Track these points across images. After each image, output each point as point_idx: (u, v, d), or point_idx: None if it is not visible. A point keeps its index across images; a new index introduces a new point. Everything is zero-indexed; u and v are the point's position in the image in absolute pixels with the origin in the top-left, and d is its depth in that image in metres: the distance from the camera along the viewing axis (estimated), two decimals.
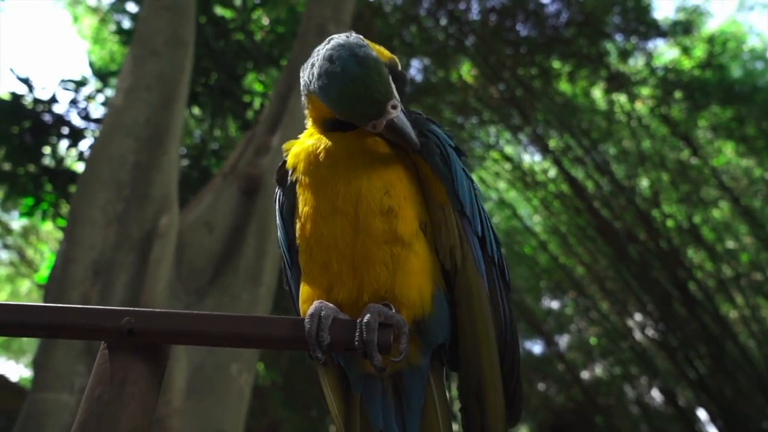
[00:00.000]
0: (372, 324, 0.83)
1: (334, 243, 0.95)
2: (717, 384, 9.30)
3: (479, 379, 0.94)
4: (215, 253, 3.99)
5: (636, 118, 9.32)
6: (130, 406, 0.78)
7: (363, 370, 0.98)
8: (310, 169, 1.00)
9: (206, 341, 0.84)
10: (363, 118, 0.93)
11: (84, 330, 0.82)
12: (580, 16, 9.10)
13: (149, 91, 4.22)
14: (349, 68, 0.91)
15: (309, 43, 5.47)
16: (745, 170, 9.54)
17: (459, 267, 0.97)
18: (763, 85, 9.03)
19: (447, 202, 0.99)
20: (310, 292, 0.96)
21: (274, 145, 4.70)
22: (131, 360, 0.82)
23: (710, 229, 9.67)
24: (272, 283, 4.05)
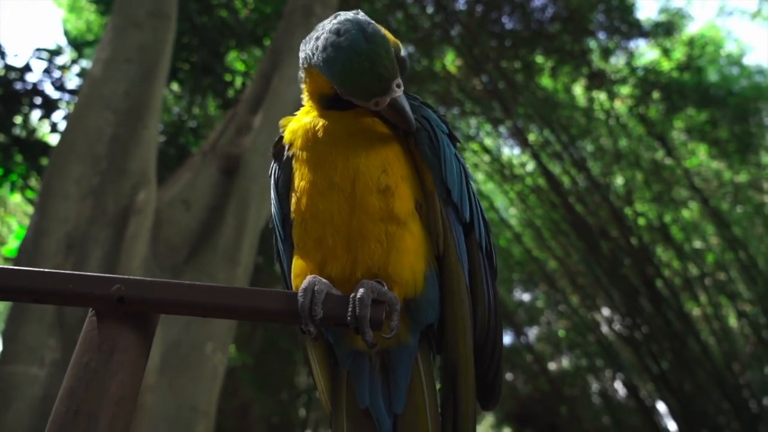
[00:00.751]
0: (365, 300, 0.84)
1: (330, 218, 0.95)
2: (677, 379, 9.59)
3: (455, 364, 0.96)
4: (192, 231, 3.95)
5: (614, 117, 9.46)
6: (118, 374, 0.78)
7: (351, 346, 0.99)
8: (307, 144, 1.00)
9: (197, 311, 0.83)
10: (367, 94, 0.93)
11: (72, 296, 0.81)
12: (566, 12, 9.16)
13: (129, 63, 4.12)
14: (357, 42, 0.90)
15: (294, 23, 5.41)
16: (715, 172, 9.79)
17: (442, 253, 0.99)
18: (737, 90, 9.24)
19: (434, 189, 1.00)
20: (303, 267, 0.96)
21: (256, 125, 4.66)
22: (120, 328, 0.81)
23: (679, 228, 9.91)
24: (250, 263, 4.03)
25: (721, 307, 10.29)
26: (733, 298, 9.81)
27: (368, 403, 0.98)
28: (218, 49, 7.33)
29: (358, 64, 0.89)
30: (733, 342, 10.05)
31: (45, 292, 0.81)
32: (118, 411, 0.76)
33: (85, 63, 7.14)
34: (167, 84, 6.62)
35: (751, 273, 9.21)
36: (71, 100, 6.50)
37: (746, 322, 9.88)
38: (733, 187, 9.61)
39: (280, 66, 5.08)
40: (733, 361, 9.78)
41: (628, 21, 9.13)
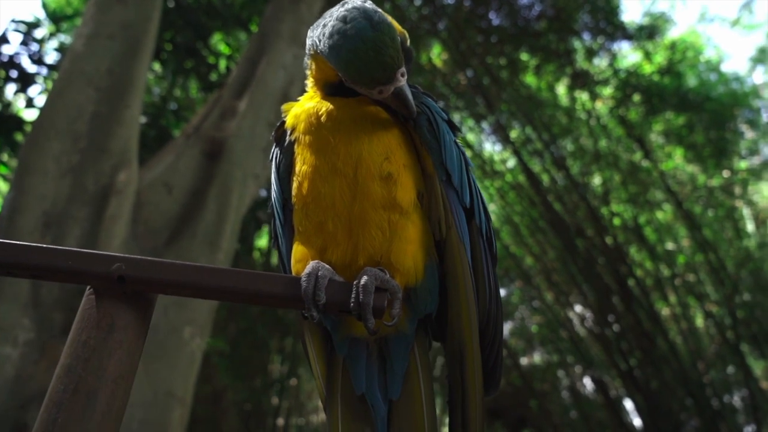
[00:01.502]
0: (369, 287, 0.84)
1: (332, 203, 0.95)
2: (644, 376, 9.82)
3: (461, 348, 0.97)
4: (173, 214, 3.89)
5: (595, 117, 9.58)
6: (117, 352, 0.77)
7: (349, 333, 1.00)
8: (311, 129, 0.99)
9: (198, 293, 0.83)
10: (372, 82, 0.93)
11: (71, 273, 0.79)
12: (552, 10, 9.22)
13: (113, 39, 4.03)
14: (363, 30, 0.90)
15: (283, 8, 5.34)
16: (690, 176, 10.00)
17: (444, 236, 0.99)
18: (714, 95, 9.43)
19: (434, 172, 1.00)
20: (304, 252, 0.96)
21: (241, 109, 4.60)
22: (119, 307, 0.80)
23: (653, 229, 10.12)
24: (231, 249, 3.99)
25: (689, 308, 10.55)
26: (701, 299, 10.07)
27: (364, 390, 0.99)
28: (203, 30, 7.20)
29: (363, 51, 0.89)
30: (699, 341, 10.33)
31: (43, 268, 0.79)
32: (116, 390, 0.75)
33: (64, 37, 6.95)
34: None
35: (720, 275, 9.46)
36: (48, 74, 6.33)
37: (712, 322, 10.15)
38: (706, 191, 9.83)
39: (267, 51, 5.02)
40: (698, 360, 10.05)
41: (612, 23, 9.24)
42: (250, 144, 4.47)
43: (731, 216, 10.02)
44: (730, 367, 10.35)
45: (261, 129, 4.65)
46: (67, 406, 0.71)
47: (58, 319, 3.02)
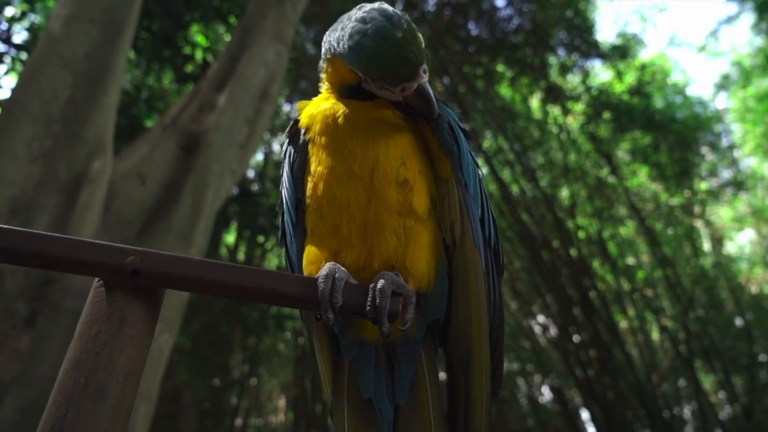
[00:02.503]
0: (386, 291, 0.84)
1: (347, 206, 0.95)
2: (601, 387, 10.06)
3: (468, 354, 0.98)
4: (146, 206, 3.80)
5: (566, 131, 9.79)
6: (128, 347, 0.75)
7: (357, 336, 0.99)
8: (327, 131, 0.99)
9: (213, 290, 0.81)
10: (395, 78, 0.92)
11: (83, 264, 0.77)
12: (530, 25, 9.40)
13: (93, 23, 3.91)
14: (383, 28, 0.90)
15: (267, 4, 5.29)
16: (653, 194, 10.31)
17: (458, 241, 1.00)
18: (679, 118, 9.77)
19: (451, 176, 1.01)
20: (318, 254, 0.96)
21: (220, 104, 4.54)
22: (130, 301, 0.78)
23: (616, 244, 10.39)
24: (204, 244, 3.93)
25: (646, 321, 10.87)
26: (658, 313, 10.38)
27: (372, 394, 0.99)
28: (181, 20, 7.07)
29: (385, 48, 0.89)
30: (654, 354, 10.65)
31: (54, 258, 0.76)
32: (126, 386, 0.73)
33: (36, 17, 6.72)
34: None
35: (676, 291, 9.78)
36: (17, 55, 6.11)
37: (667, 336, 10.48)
38: (668, 209, 10.16)
39: (250, 46, 4.96)
40: (652, 373, 10.36)
41: (587, 41, 9.48)
42: (229, 139, 4.41)
43: (690, 234, 10.38)
44: (682, 380, 10.71)
45: (240, 124, 4.59)
46: (77, 401, 0.69)
47: (22, 310, 2.91)
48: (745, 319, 9.91)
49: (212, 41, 8.17)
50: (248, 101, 4.75)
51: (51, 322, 2.94)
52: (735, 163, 10.89)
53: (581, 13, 9.33)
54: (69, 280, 3.05)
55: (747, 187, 10.70)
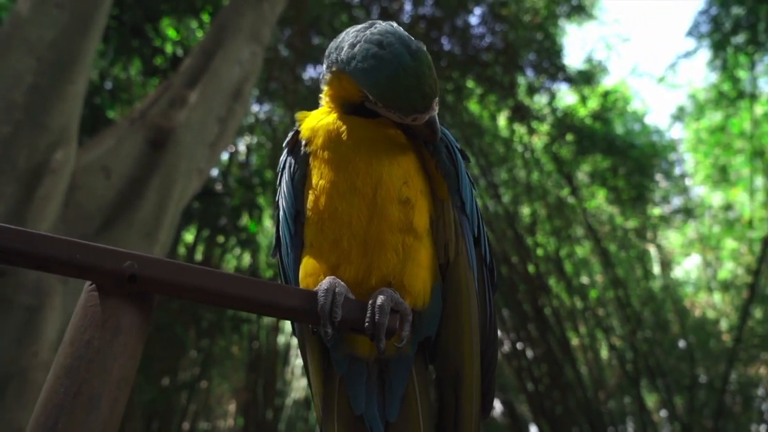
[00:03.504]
0: (385, 308, 0.85)
1: (348, 221, 0.95)
2: (551, 402, 10.28)
3: (458, 371, 0.99)
4: (109, 201, 3.68)
5: (530, 150, 10.02)
6: (122, 356, 0.72)
7: (350, 351, 0.99)
8: (330, 145, 0.99)
9: (211, 299, 0.80)
10: (409, 109, 0.93)
11: (79, 267, 0.74)
12: (501, 44, 9.60)
13: (61, 9, 3.78)
14: (402, 57, 0.90)
15: (245, 2, 5.23)
16: (609, 216, 10.64)
17: (452, 261, 1.01)
18: (638, 144, 10.14)
19: (447, 197, 1.02)
20: (316, 266, 0.95)
21: (191, 100, 4.45)
22: (124, 307, 0.75)
23: (572, 263, 10.67)
24: (168, 243, 3.83)
25: (596, 340, 11.18)
26: (608, 332, 10.69)
27: (363, 410, 0.98)
28: (153, 11, 6.92)
29: (404, 79, 0.89)
30: (602, 372, 10.96)
31: (48, 259, 0.73)
32: (119, 395, 0.71)
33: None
34: None
35: (626, 312, 10.10)
36: None
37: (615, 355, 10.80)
38: (622, 232, 10.50)
39: (225, 44, 4.89)
40: (600, 390, 10.65)
41: (555, 64, 9.74)
42: (198, 137, 4.33)
43: (641, 257, 10.75)
44: (627, 398, 11.04)
45: (211, 123, 4.52)
46: (68, 409, 0.66)
47: None
48: (687, 341, 10.32)
49: (183, 35, 8.02)
50: (220, 100, 4.68)
51: (2, 317, 2.81)
52: (686, 191, 11.36)
53: (551, 37, 9.60)
54: (23, 274, 2.93)
55: (696, 215, 11.17)
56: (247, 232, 9.24)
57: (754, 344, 9.03)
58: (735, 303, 10.00)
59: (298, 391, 12.49)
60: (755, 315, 9.17)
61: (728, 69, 9.76)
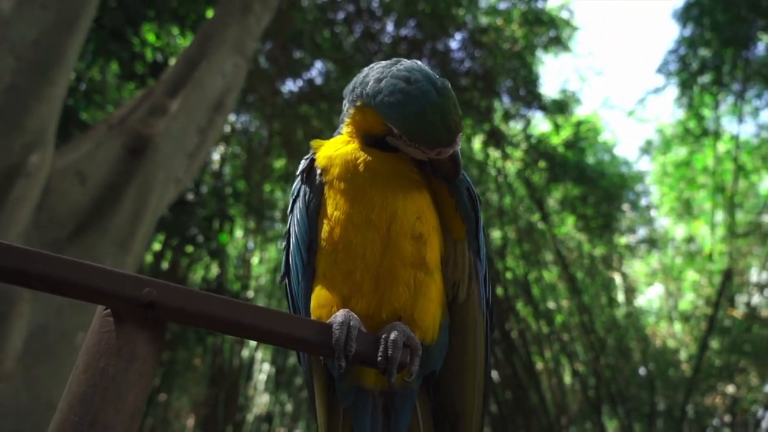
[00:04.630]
0: (398, 343, 0.85)
1: (362, 253, 0.95)
2: (514, 427, 10.35)
3: (458, 407, 1.00)
4: (83, 207, 3.59)
5: (503, 175, 10.19)
6: (136, 384, 0.71)
7: (357, 383, 0.99)
8: (347, 176, 0.99)
9: (226, 328, 0.79)
10: (434, 143, 0.94)
11: (96, 292, 0.73)
12: (480, 69, 9.80)
13: (46, 9, 3.72)
14: (429, 94, 0.92)
15: (231, 15, 5.23)
16: (577, 243, 10.87)
17: (461, 301, 1.03)
18: (607, 174, 10.42)
19: (464, 239, 1.04)
20: (329, 297, 0.95)
21: (173, 109, 4.40)
22: (140, 334, 0.74)
23: (539, 288, 10.83)
24: (141, 252, 3.75)
25: (560, 365, 11.33)
26: (572, 357, 10.86)
27: None
28: (134, 16, 6.83)
29: (430, 115, 0.92)
30: (565, 397, 11.10)
31: (65, 283, 0.72)
32: (132, 425, 0.69)
33: None
34: None
35: (590, 338, 10.28)
36: None
37: (578, 380, 10.96)
38: (589, 259, 10.72)
39: (209, 55, 4.87)
40: (562, 415, 10.78)
41: (531, 92, 9.98)
42: (178, 146, 4.28)
43: (607, 285, 10.99)
44: (588, 424, 11.19)
45: (191, 132, 4.47)
46: None
47: None
48: (648, 369, 10.55)
49: (164, 42, 7.94)
50: (202, 110, 4.64)
51: None
52: (651, 222, 11.71)
53: (528, 66, 9.83)
54: None
55: (659, 246, 11.51)
56: (218, 243, 9.10)
57: (712, 375, 9.28)
58: (694, 333, 10.29)
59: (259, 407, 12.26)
60: (713, 346, 9.45)
61: (694, 107, 10.16)
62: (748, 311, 9.77)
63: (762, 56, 9.56)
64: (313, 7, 9.73)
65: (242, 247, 11.71)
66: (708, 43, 9.73)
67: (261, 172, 10.89)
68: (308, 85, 10.70)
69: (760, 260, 10.20)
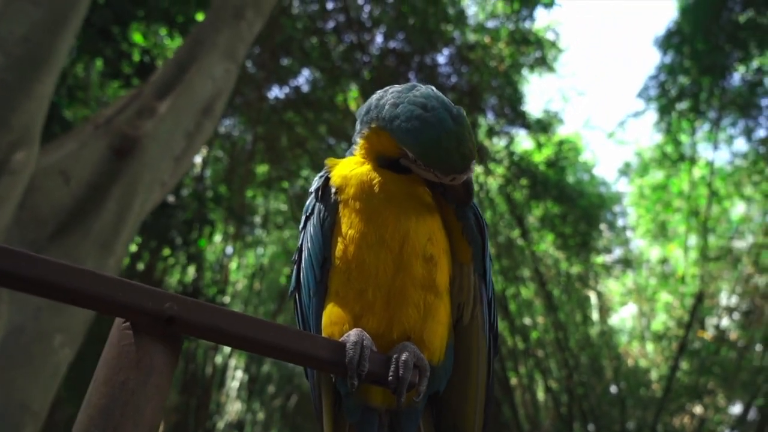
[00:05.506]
0: (409, 363, 0.87)
1: (375, 273, 0.97)
2: None
3: (460, 428, 1.02)
4: (65, 207, 3.54)
5: (486, 190, 10.29)
6: (154, 398, 0.71)
7: (364, 401, 1.00)
8: (362, 196, 1.01)
9: (245, 345, 0.79)
10: (449, 169, 0.97)
11: (117, 305, 0.73)
12: (467, 85, 9.92)
13: (36, 5, 3.67)
14: (445, 121, 0.95)
15: (223, 21, 5.22)
16: (555, 261, 11.01)
17: (466, 323, 1.05)
18: (587, 194, 10.61)
19: (469, 262, 1.06)
20: (342, 315, 0.96)
21: (161, 111, 4.37)
22: (158, 348, 0.74)
23: (516, 303, 10.93)
24: (123, 255, 3.70)
25: (534, 381, 11.42)
26: (545, 374, 10.96)
27: None
28: (123, 15, 6.77)
29: (446, 142, 0.94)
30: (538, 413, 11.18)
31: (87, 295, 0.72)
32: None
33: None
34: None
35: (564, 355, 10.40)
36: None
37: (551, 396, 11.06)
38: (566, 277, 10.86)
39: (199, 59, 4.85)
40: (534, 430, 10.85)
41: (515, 110, 10.13)
42: (165, 149, 4.24)
43: (582, 303, 11.14)
44: None
45: (178, 136, 4.44)
46: None
47: None
48: (620, 388, 10.69)
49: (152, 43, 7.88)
50: (190, 114, 4.61)
51: None
52: (627, 243, 11.93)
53: (513, 84, 9.98)
54: None
55: (634, 266, 11.72)
56: (196, 247, 9.01)
57: (681, 395, 9.45)
58: (666, 354, 10.47)
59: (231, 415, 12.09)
60: (683, 367, 9.63)
61: (672, 132, 10.43)
62: (717, 334, 10.00)
63: (737, 86, 9.87)
64: (304, 15, 9.76)
65: (220, 252, 11.60)
66: (687, 71, 10.01)
67: (243, 177, 10.83)
68: (294, 92, 10.70)
69: (730, 284, 10.47)
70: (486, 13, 9.93)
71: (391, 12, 9.76)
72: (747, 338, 9.91)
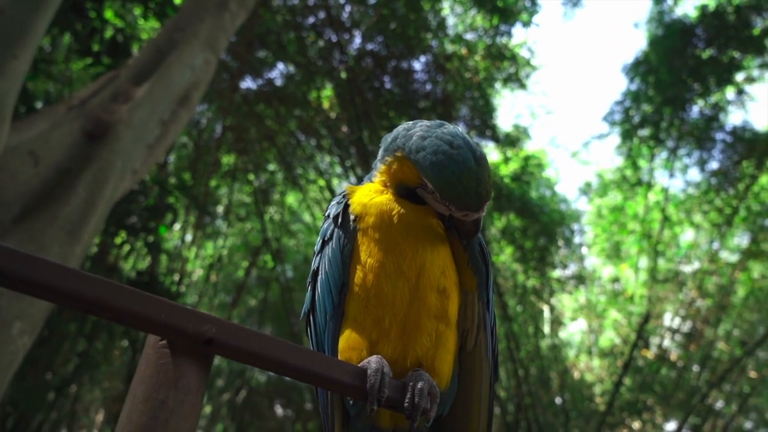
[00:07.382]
0: (424, 391, 0.91)
1: (392, 301, 1.00)
2: None
3: None
4: (33, 189, 3.41)
5: None
6: (190, 416, 0.72)
7: (373, 423, 1.04)
8: (381, 226, 1.05)
9: (274, 367, 0.81)
10: (464, 206, 1.02)
11: (158, 325, 0.74)
12: (441, 94, 10.03)
13: None
14: (468, 161, 1.00)
15: (206, 9, 5.14)
16: (513, 273, 11.26)
17: (469, 350, 1.10)
18: (547, 210, 10.89)
19: (474, 291, 1.11)
20: (359, 341, 0.99)
21: (137, 96, 4.27)
22: (194, 367, 0.76)
23: None
24: (90, 243, 3.60)
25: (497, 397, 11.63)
26: None
27: None
28: None
29: (467, 181, 0.99)
30: None
31: (134, 315, 0.72)
32: None
33: None
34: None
35: (515, 365, 10.65)
36: None
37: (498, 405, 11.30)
38: (522, 290, 11.13)
39: (179, 46, 4.76)
40: None
41: (485, 122, 10.32)
42: (139, 136, 4.14)
43: (535, 316, 11.43)
44: None
45: (153, 123, 4.34)
46: None
47: None
48: (564, 399, 11.03)
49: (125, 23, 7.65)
50: (167, 102, 4.52)
51: None
52: (582, 259, 12.31)
53: (486, 97, 10.16)
54: None
55: (587, 283, 12.10)
56: (156, 235, 8.80)
57: (622, 410, 9.83)
58: (611, 370, 10.86)
59: None
60: (626, 383, 10.01)
61: (632, 156, 10.84)
62: (659, 353, 10.44)
63: (696, 119, 10.35)
64: (284, 9, 9.67)
65: (178, 240, 11.36)
66: (650, 100, 10.43)
67: (209, 165, 10.64)
68: (268, 84, 10.59)
69: (675, 306, 10.95)
70: (465, 25, 10.08)
71: (372, 14, 9.78)
72: (686, 359, 10.39)
